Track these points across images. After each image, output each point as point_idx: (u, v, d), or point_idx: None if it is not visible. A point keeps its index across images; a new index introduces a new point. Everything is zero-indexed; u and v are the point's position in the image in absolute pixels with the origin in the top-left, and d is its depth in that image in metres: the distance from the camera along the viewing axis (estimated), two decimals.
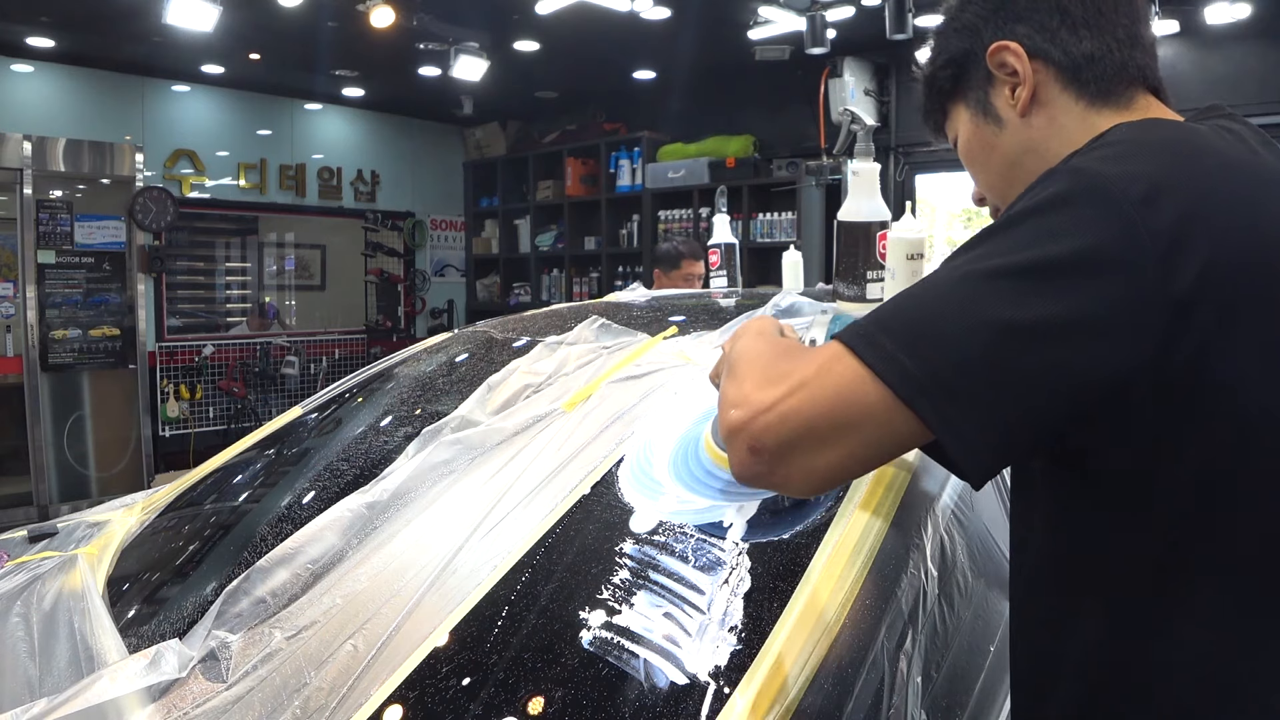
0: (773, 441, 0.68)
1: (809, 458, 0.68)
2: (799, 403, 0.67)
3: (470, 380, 1.47)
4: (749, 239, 5.63)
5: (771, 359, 0.75)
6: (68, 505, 5.01)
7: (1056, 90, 0.84)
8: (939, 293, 0.69)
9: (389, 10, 4.29)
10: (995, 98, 0.87)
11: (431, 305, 7.51)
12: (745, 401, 0.70)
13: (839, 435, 0.67)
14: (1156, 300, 0.64)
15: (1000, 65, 0.85)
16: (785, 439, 0.67)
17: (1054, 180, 0.70)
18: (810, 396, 0.67)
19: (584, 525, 1.04)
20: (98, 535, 1.66)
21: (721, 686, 0.83)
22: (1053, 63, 0.84)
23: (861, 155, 1.44)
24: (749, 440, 0.69)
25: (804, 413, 0.67)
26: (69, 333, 5.21)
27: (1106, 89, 0.83)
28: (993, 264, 0.67)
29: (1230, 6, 4.27)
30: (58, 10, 4.64)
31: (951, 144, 0.97)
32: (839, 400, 0.67)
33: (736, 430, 0.70)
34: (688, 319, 1.55)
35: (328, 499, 1.26)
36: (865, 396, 0.66)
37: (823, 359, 0.69)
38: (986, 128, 0.89)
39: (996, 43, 0.85)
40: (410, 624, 0.96)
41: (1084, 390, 0.66)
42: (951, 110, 0.94)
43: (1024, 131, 0.86)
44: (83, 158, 5.26)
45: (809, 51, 4.49)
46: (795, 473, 0.69)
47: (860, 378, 0.66)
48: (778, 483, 0.71)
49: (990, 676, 0.99)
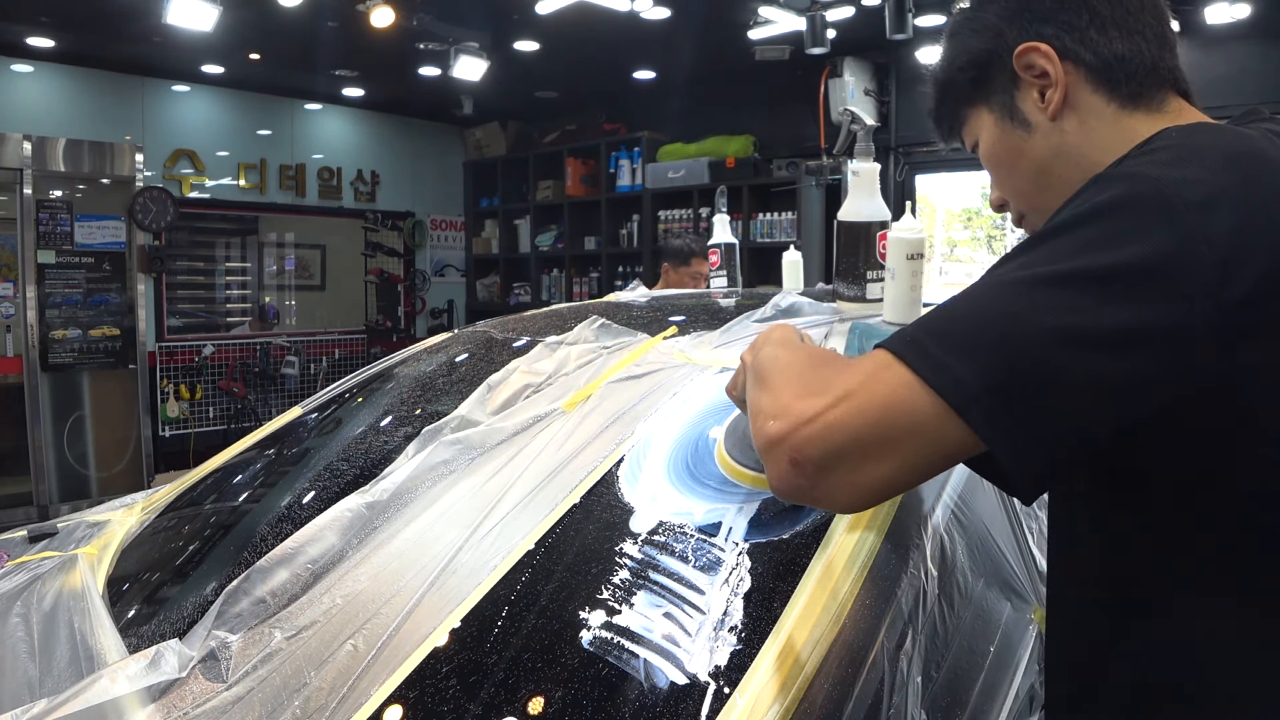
0: (817, 454, 0.65)
1: (855, 472, 0.65)
2: (845, 414, 0.64)
3: (470, 380, 1.47)
4: (749, 239, 5.63)
5: (808, 368, 0.72)
6: (68, 505, 5.01)
7: (1087, 92, 0.82)
8: (991, 299, 0.66)
9: (389, 10, 4.29)
10: (1022, 101, 0.84)
11: (431, 305, 7.51)
12: (786, 412, 0.67)
13: (887, 447, 0.64)
14: (1214, 308, 0.62)
15: (1028, 67, 0.83)
16: (830, 451, 0.64)
17: (1109, 185, 0.67)
18: (857, 407, 0.64)
19: (584, 525, 1.04)
20: (98, 535, 1.66)
21: (721, 686, 0.83)
22: (1083, 64, 0.81)
23: (861, 155, 1.44)
24: (791, 452, 0.66)
25: (850, 424, 0.64)
26: (69, 333, 5.21)
27: (1138, 91, 0.81)
28: (1049, 270, 0.64)
29: (1230, 6, 4.27)
30: (58, 10, 4.63)
31: (970, 149, 0.94)
32: (887, 411, 0.64)
33: (777, 442, 0.67)
34: (688, 319, 1.55)
35: (328, 499, 1.26)
36: (915, 406, 0.63)
37: (869, 368, 0.67)
38: (1014, 132, 0.86)
39: (1024, 44, 0.82)
40: (410, 624, 0.96)
41: (1139, 400, 0.64)
42: (970, 114, 0.91)
43: (1055, 135, 0.83)
44: (83, 158, 5.26)
45: (809, 51, 4.49)
46: (841, 487, 0.66)
47: (910, 386, 0.64)
48: (821, 497, 0.68)
49: (990, 676, 0.99)
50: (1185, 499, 0.69)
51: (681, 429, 1.15)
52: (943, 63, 0.92)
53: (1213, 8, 4.30)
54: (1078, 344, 0.62)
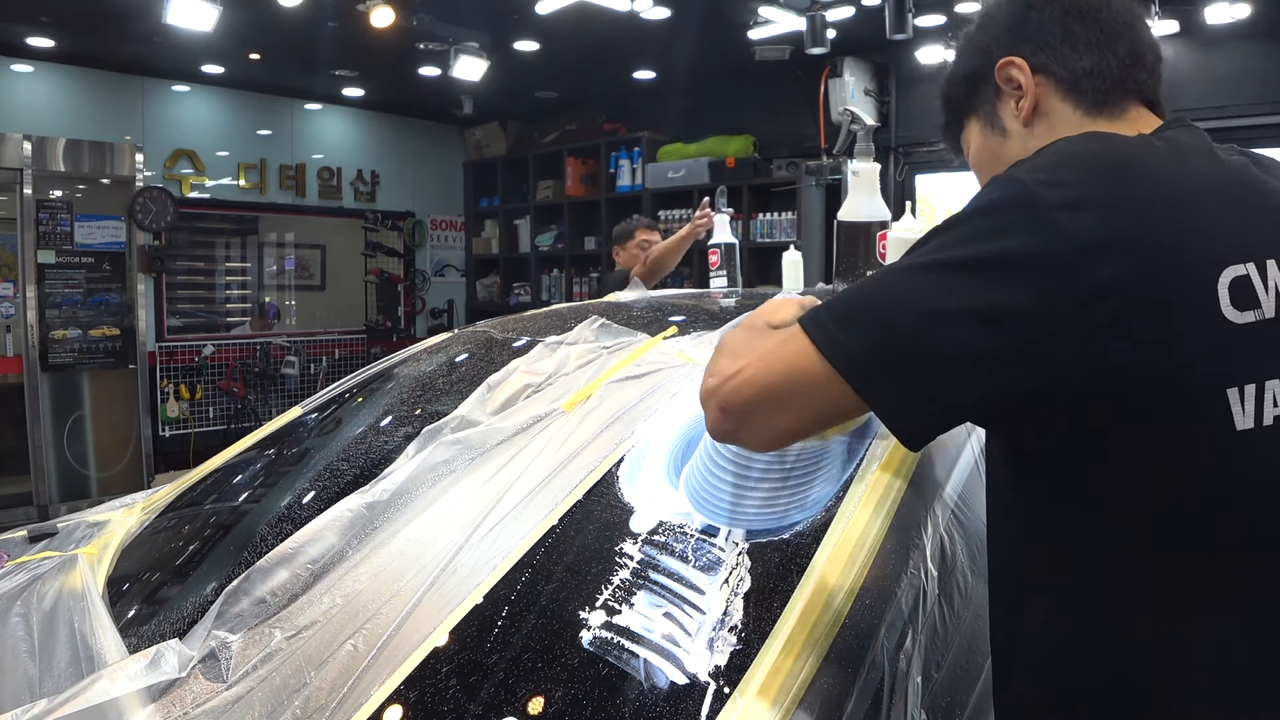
0: (738, 402, 0.80)
1: (766, 417, 0.80)
2: (756, 372, 0.80)
3: (470, 380, 1.47)
4: (749, 239, 5.63)
5: (744, 338, 0.87)
6: (68, 505, 5.00)
7: (1056, 101, 0.92)
8: (880, 283, 0.79)
9: (389, 10, 4.29)
10: (1002, 110, 0.96)
11: (431, 305, 7.51)
12: (718, 371, 0.83)
13: (789, 400, 0.79)
14: (1073, 295, 0.70)
15: (1007, 80, 0.93)
16: (746, 401, 0.80)
17: (992, 187, 0.78)
18: (766, 366, 0.80)
19: (584, 525, 1.04)
20: (98, 535, 1.66)
21: (721, 686, 0.83)
22: (1054, 76, 0.91)
23: (861, 155, 1.44)
24: (719, 402, 0.82)
25: (759, 380, 0.79)
26: (69, 333, 5.21)
27: (1102, 100, 0.90)
28: (929, 259, 0.76)
29: (1230, 6, 4.27)
30: (58, 10, 4.63)
31: (965, 155, 1.05)
32: (789, 371, 0.78)
33: (710, 394, 0.83)
34: (688, 319, 1.55)
35: (328, 499, 1.26)
36: (810, 369, 0.77)
37: (781, 337, 0.81)
38: (994, 138, 0.97)
39: (1004, 58, 0.93)
40: (410, 624, 0.96)
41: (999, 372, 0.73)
42: (966, 124, 1.02)
43: (1026, 139, 0.93)
44: (83, 158, 5.26)
45: (809, 51, 4.49)
46: (755, 430, 0.82)
47: (807, 353, 0.77)
48: (741, 438, 0.84)
49: (990, 676, 0.99)
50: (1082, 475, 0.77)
51: (682, 429, 1.15)
52: (946, 79, 1.04)
53: (1213, 8, 4.30)
54: (944, 319, 0.73)
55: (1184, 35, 4.53)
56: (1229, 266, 0.73)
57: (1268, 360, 0.73)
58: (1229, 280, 0.73)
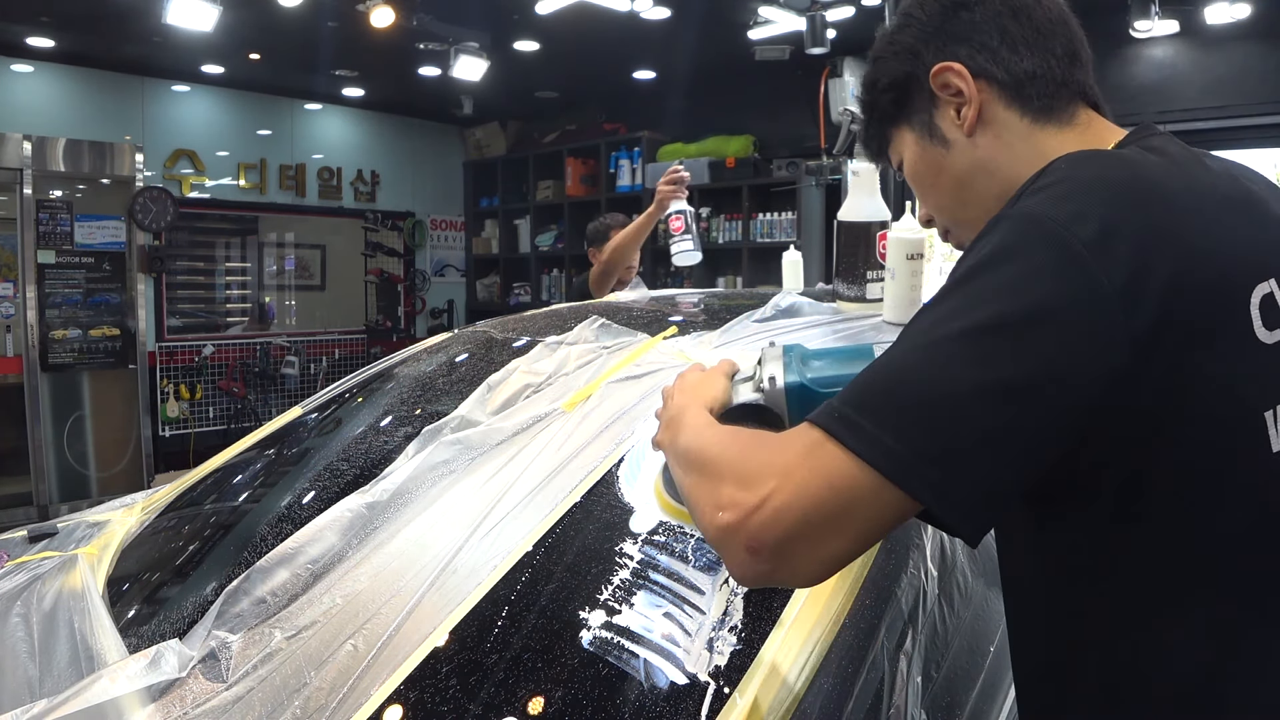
0: (772, 540, 0.66)
1: (811, 550, 0.66)
2: (790, 497, 0.66)
3: (470, 380, 1.47)
4: (749, 239, 5.63)
5: (742, 451, 0.73)
6: (68, 505, 5.00)
7: (1000, 108, 0.86)
8: (907, 362, 0.69)
9: (389, 10, 4.29)
10: (940, 119, 0.88)
11: (431, 305, 7.51)
12: (733, 503, 0.68)
13: (837, 524, 0.66)
14: (1122, 338, 0.65)
15: (944, 86, 0.86)
16: (784, 536, 0.66)
17: (1004, 228, 0.70)
18: (801, 489, 0.66)
19: (584, 525, 1.04)
20: (98, 535, 1.66)
21: (721, 686, 0.83)
22: (995, 81, 0.85)
23: (861, 155, 1.44)
24: (747, 541, 0.67)
25: (797, 506, 0.65)
26: (69, 333, 5.21)
27: (1048, 105, 0.85)
28: (957, 326, 0.67)
29: (1230, 6, 4.27)
30: (58, 10, 4.63)
31: (896, 168, 0.97)
32: (830, 490, 0.65)
33: (730, 533, 0.68)
34: (688, 319, 1.55)
35: (328, 499, 1.26)
36: (855, 481, 0.65)
37: (804, 446, 0.68)
38: (933, 149, 0.90)
39: (939, 64, 0.86)
40: (410, 624, 0.96)
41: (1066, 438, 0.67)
42: (894, 134, 0.94)
43: (971, 151, 0.87)
44: (83, 158, 5.26)
45: (809, 51, 4.49)
46: (799, 566, 0.67)
47: (846, 463, 0.65)
48: (784, 578, 0.70)
49: (990, 676, 0.99)
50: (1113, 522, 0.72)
51: None
52: (866, 85, 0.95)
53: (1213, 8, 4.30)
54: (997, 397, 0.64)
55: (1184, 35, 4.52)
56: (1259, 285, 0.70)
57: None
58: (1259, 299, 0.70)
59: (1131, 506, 0.71)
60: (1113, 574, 0.74)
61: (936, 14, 0.88)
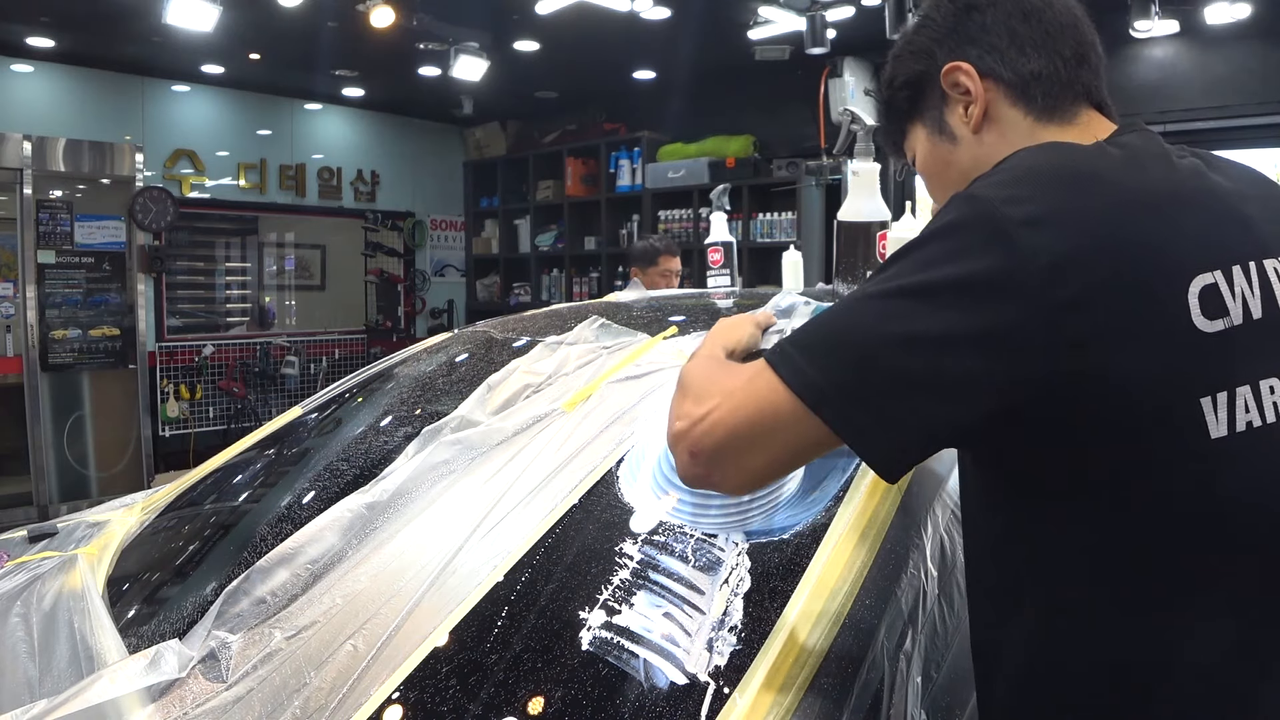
0: (708, 446, 0.77)
1: (738, 460, 0.77)
2: (725, 413, 0.77)
3: (470, 380, 1.47)
4: (749, 239, 5.63)
5: (707, 375, 0.84)
6: (68, 505, 5.00)
7: (1006, 106, 0.90)
8: (844, 313, 0.77)
9: (389, 10, 4.29)
10: (950, 116, 0.93)
11: (431, 305, 7.51)
12: (686, 414, 0.80)
13: (762, 440, 0.76)
14: (1042, 313, 0.69)
15: (954, 85, 0.91)
16: (717, 444, 0.77)
17: (953, 206, 0.76)
18: (735, 407, 0.77)
19: (584, 525, 1.04)
20: (98, 535, 1.66)
21: (721, 686, 0.83)
22: (1002, 81, 0.90)
23: (861, 155, 1.44)
24: (689, 446, 0.79)
25: (729, 421, 0.77)
26: (69, 333, 5.21)
27: (1052, 105, 0.89)
28: (892, 285, 0.75)
29: (1230, 6, 4.27)
30: (58, 10, 4.63)
31: (910, 162, 1.03)
32: (759, 410, 0.76)
33: (678, 438, 0.80)
34: (687, 319, 1.55)
35: (328, 499, 1.26)
36: (780, 406, 0.75)
37: (748, 374, 0.78)
38: (942, 145, 0.95)
39: (950, 63, 0.91)
40: (410, 624, 0.96)
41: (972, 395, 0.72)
42: (910, 130, 1.00)
43: (976, 147, 0.92)
44: (83, 158, 5.26)
45: (809, 51, 4.49)
46: (729, 473, 0.79)
47: (775, 389, 0.75)
48: (715, 482, 0.81)
49: None
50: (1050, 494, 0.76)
51: None
52: (885, 83, 1.01)
53: (1213, 8, 4.30)
54: (912, 346, 0.71)
55: (1184, 35, 4.53)
56: (1198, 275, 0.73)
57: (1238, 367, 0.73)
58: (1199, 289, 0.72)
59: (1068, 490, 0.75)
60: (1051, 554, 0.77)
61: (951, 16, 0.93)
